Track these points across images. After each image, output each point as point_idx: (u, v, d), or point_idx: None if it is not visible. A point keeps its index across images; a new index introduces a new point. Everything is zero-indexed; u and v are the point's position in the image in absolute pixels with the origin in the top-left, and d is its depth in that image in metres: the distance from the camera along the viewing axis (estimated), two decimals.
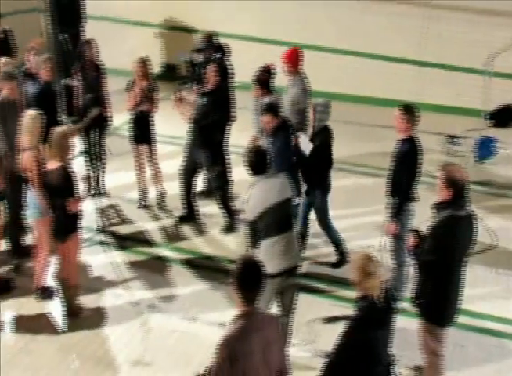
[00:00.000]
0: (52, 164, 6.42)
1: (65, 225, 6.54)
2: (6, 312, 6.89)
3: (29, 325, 6.71)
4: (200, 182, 8.69)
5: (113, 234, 8.21)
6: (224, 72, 8.55)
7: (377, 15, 11.44)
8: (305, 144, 7.08)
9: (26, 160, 6.79)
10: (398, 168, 6.41)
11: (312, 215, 7.34)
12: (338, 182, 7.90)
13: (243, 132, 8.45)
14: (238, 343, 3.93)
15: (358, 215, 8.53)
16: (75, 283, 6.79)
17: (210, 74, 8.10)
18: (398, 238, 6.54)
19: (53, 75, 8.45)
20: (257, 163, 5.77)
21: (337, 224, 7.45)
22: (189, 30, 12.42)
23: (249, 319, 4.01)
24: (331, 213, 7.39)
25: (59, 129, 6.59)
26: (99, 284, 7.31)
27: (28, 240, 7.67)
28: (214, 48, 8.95)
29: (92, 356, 6.31)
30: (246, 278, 4.03)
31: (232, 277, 4.05)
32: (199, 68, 9.10)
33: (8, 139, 7.29)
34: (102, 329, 6.66)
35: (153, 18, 12.58)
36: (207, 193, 8.75)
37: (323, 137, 7.10)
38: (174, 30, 12.60)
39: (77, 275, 6.85)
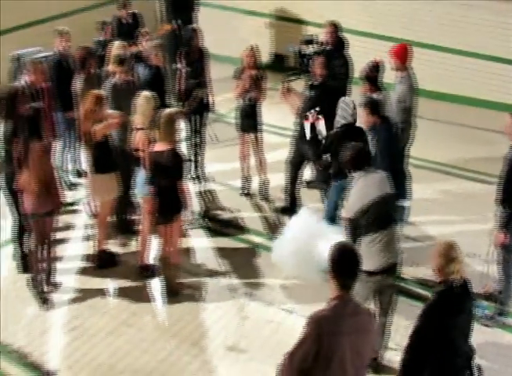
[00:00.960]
0: (162, 146, 6.63)
1: (170, 206, 6.75)
2: (111, 286, 7.23)
3: (131, 300, 6.98)
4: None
5: (214, 219, 8.39)
6: (343, 65, 8.54)
7: (488, 13, 11.09)
8: (322, 127, 7.17)
9: (138, 139, 7.07)
10: (510, 175, 6.22)
11: None
12: (443, 185, 7.80)
13: None
14: (326, 322, 3.99)
15: (465, 221, 8.26)
16: (176, 263, 7.02)
17: (317, 66, 8.11)
18: (507, 249, 6.35)
19: (163, 61, 8.70)
20: (356, 159, 5.79)
21: (441, 229, 7.29)
22: (300, 21, 12.43)
23: (341, 303, 4.06)
24: (436, 217, 7.23)
25: (167, 111, 6.79)
26: (198, 268, 7.51)
27: (135, 217, 7.98)
28: (335, 40, 8.87)
29: (189, 337, 6.51)
30: (342, 265, 4.08)
31: (328, 264, 4.10)
32: (307, 60, 9.11)
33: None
34: (200, 312, 6.85)
35: (265, 8, 12.65)
36: (310, 186, 8.80)
37: (342, 134, 7.04)
38: (285, 20, 12.63)
39: (179, 255, 7.08)
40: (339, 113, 7.21)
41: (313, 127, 7.57)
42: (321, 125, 7.40)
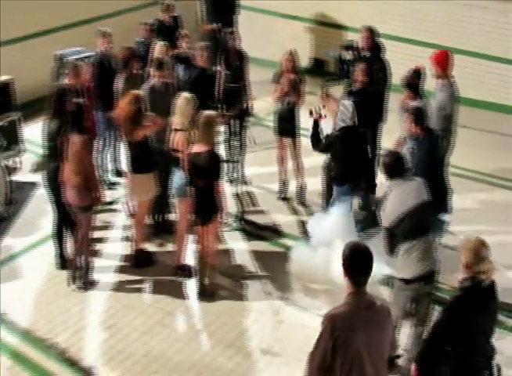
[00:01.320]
0: (200, 147, 6.67)
1: (207, 208, 6.79)
2: (147, 285, 7.29)
3: (167, 300, 7.04)
4: None
5: (251, 222, 8.41)
6: (381, 70, 8.51)
7: None
8: (324, 125, 7.42)
9: (177, 140, 7.12)
10: None
11: None
12: (483, 194, 7.71)
13: (388, 134, 8.41)
14: (340, 318, 4.10)
15: (505, 232, 8.09)
16: (212, 264, 7.06)
17: (359, 73, 8.09)
18: None
19: (208, 62, 8.76)
20: (394, 166, 5.76)
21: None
22: (339, 26, 12.41)
23: (355, 299, 4.15)
24: (475, 227, 7.13)
25: (207, 113, 6.84)
26: (234, 269, 7.53)
27: (172, 217, 8.04)
28: (372, 45, 8.82)
29: (224, 338, 6.54)
30: (355, 262, 4.15)
31: (341, 262, 4.19)
32: (347, 65, 9.09)
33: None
34: (235, 313, 6.87)
35: (305, 12, 12.66)
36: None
37: (341, 137, 7.18)
38: (325, 25, 12.62)
39: (215, 257, 7.12)
40: (338, 116, 7.28)
41: (316, 123, 7.58)
42: (324, 123, 7.46)
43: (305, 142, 9.04)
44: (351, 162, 7.29)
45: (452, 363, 4.64)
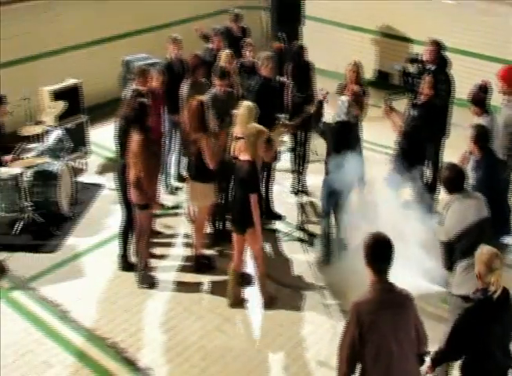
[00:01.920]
0: (243, 157, 6.74)
1: (241, 217, 6.81)
2: (206, 290, 7.38)
3: (225, 305, 7.10)
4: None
5: (311, 233, 8.37)
6: (445, 84, 8.45)
7: None
8: (327, 108, 7.68)
9: (238, 148, 7.16)
10: None
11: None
12: None
13: (452, 149, 8.33)
14: (364, 304, 4.31)
15: None
16: (261, 273, 7.06)
17: (425, 86, 8.05)
18: None
19: (273, 73, 8.83)
20: (453, 180, 5.68)
21: None
22: (405, 39, 12.35)
23: (378, 286, 4.35)
24: None
25: (256, 125, 6.90)
26: (291, 280, 7.54)
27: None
28: (437, 59, 8.77)
29: (281, 347, 6.57)
30: (376, 251, 4.34)
31: (363, 252, 4.37)
32: (412, 78, 9.05)
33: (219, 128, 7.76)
34: (293, 324, 6.88)
35: (370, 24, 12.65)
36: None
37: (334, 130, 7.40)
38: (390, 37, 12.59)
39: (264, 265, 7.06)
40: (336, 110, 7.43)
41: (320, 104, 7.71)
42: (327, 106, 7.70)
43: (366, 154, 9.05)
44: (339, 155, 7.29)
45: (467, 372, 4.75)
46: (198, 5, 13.17)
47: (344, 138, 7.37)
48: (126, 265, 7.65)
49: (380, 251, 4.34)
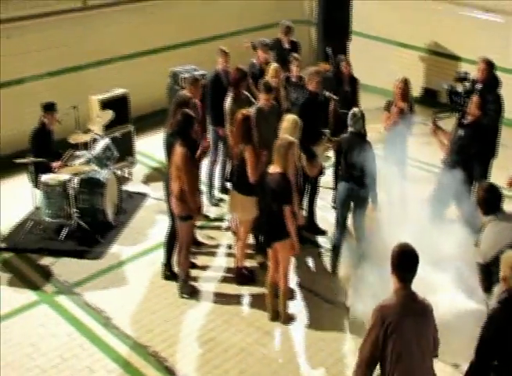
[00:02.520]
0: (274, 169, 6.73)
1: (273, 231, 6.80)
2: (247, 303, 7.39)
3: (265, 319, 7.09)
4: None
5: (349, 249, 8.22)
6: (495, 104, 8.35)
7: None
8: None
9: None
10: None
11: None
12: None
13: (500, 169, 8.25)
14: (387, 308, 4.49)
15: None
16: (284, 289, 6.99)
17: (472, 106, 7.96)
18: None
19: (319, 87, 8.85)
20: (489, 201, 5.62)
21: None
22: (453, 57, 12.26)
23: (401, 293, 4.52)
24: None
25: (285, 137, 6.89)
26: (333, 295, 7.46)
27: None
28: (488, 78, 8.65)
29: (321, 363, 6.54)
30: (401, 261, 4.51)
31: (390, 260, 4.54)
32: (460, 98, 8.98)
33: (263, 142, 7.70)
34: (333, 339, 6.83)
35: (419, 41, 12.58)
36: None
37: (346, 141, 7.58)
38: (438, 55, 12.49)
39: (286, 282, 7.00)
40: (348, 121, 7.56)
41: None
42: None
43: (412, 171, 9.01)
44: (349, 164, 7.48)
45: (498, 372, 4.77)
46: (246, 18, 13.30)
47: (355, 149, 7.40)
48: (169, 274, 7.72)
49: (405, 261, 4.52)
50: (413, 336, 4.45)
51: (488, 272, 5.52)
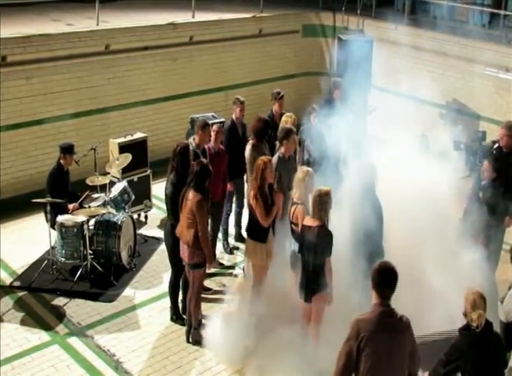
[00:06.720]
0: (313, 222, 6.67)
1: (310, 283, 6.70)
2: None
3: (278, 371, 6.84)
4: None
5: None
6: None
7: None
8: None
9: (295, 214, 7.12)
10: None
11: None
12: None
13: None
14: (364, 322, 4.75)
15: None
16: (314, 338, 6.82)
17: (485, 169, 7.81)
18: None
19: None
20: None
21: None
22: (473, 115, 12.30)
23: (379, 308, 4.77)
24: None
25: (323, 188, 6.76)
26: None
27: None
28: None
29: None
30: (381, 278, 4.80)
31: (371, 277, 4.83)
32: (476, 158, 8.96)
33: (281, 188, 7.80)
34: None
35: (437, 98, 12.64)
36: None
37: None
38: (458, 113, 12.49)
39: (315, 336, 6.81)
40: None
41: None
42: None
43: None
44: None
45: None
46: (266, 68, 13.51)
47: None
48: (176, 318, 7.71)
49: (385, 278, 4.80)
50: (386, 351, 4.70)
51: (509, 332, 5.50)
